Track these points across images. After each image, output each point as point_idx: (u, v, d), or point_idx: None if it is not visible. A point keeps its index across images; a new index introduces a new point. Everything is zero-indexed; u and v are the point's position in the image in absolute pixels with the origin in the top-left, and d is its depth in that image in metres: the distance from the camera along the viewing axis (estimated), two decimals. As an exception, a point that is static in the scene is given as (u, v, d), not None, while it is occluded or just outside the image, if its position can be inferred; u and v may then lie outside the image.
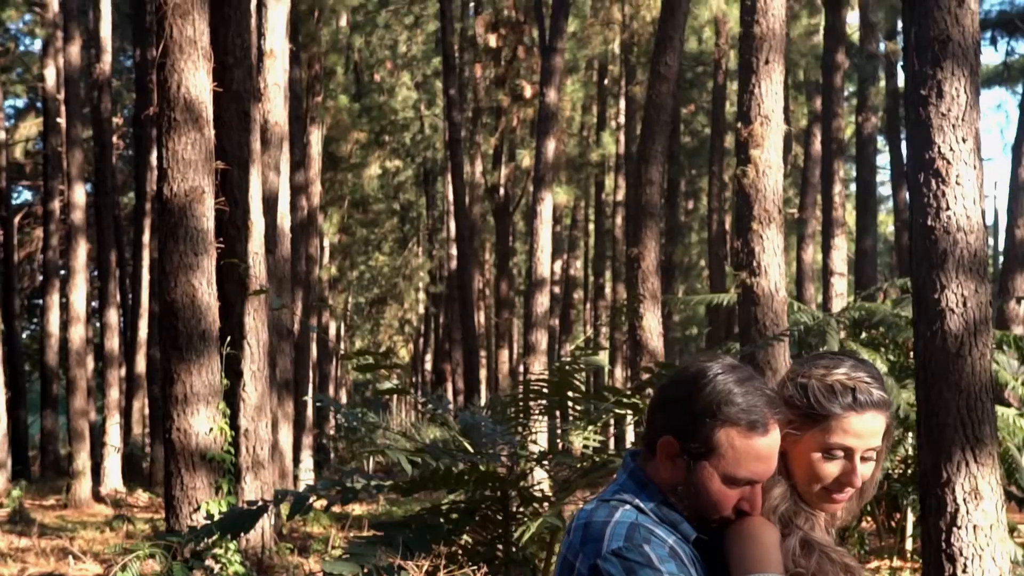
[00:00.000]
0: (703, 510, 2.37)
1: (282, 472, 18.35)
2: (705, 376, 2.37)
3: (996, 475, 7.13)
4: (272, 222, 16.91)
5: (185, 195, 10.05)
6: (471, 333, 28.68)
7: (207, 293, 10.19)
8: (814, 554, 2.34)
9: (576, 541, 2.35)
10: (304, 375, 25.99)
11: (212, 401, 10.15)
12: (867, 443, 2.40)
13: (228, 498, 10.17)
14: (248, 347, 13.22)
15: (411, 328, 52.47)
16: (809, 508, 2.43)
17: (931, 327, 7.18)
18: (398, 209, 47.40)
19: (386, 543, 7.42)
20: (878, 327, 14.14)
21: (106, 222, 28.97)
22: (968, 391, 7.09)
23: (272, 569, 12.34)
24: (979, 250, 7.18)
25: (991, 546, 7.00)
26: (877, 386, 2.42)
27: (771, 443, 2.35)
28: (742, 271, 10.86)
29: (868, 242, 23.94)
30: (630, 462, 2.49)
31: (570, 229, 44.90)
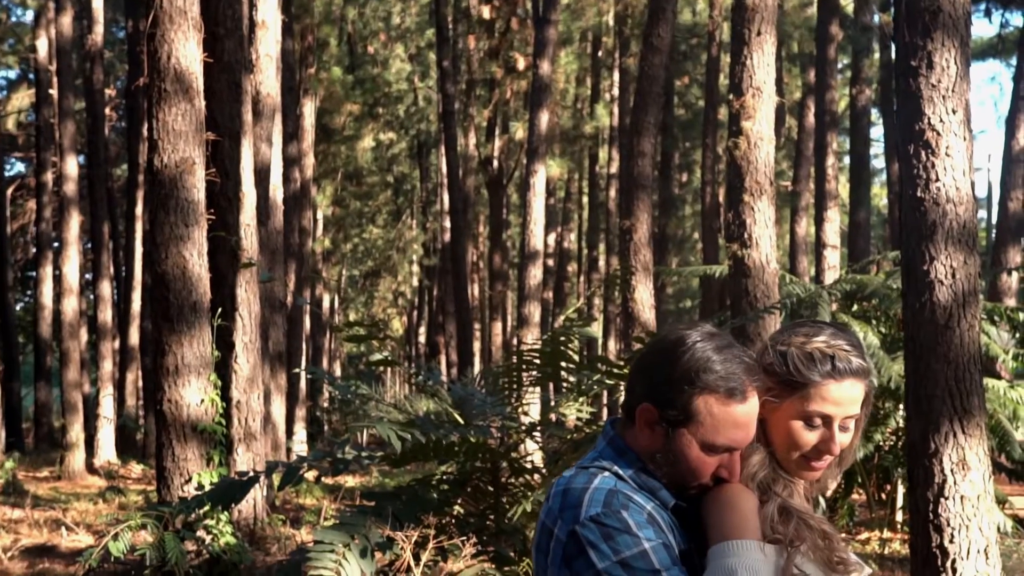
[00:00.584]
0: (682, 477, 2.38)
1: (275, 444, 18.37)
2: (684, 344, 2.37)
3: (984, 446, 7.15)
4: (264, 194, 16.86)
5: (175, 166, 10.03)
6: (464, 306, 28.68)
7: (198, 264, 10.18)
8: (792, 520, 2.34)
9: (555, 507, 2.35)
10: (297, 347, 26.01)
11: (203, 373, 10.15)
12: (846, 411, 2.41)
13: (219, 469, 10.19)
14: (240, 319, 13.21)
15: (405, 301, 52.49)
16: (788, 475, 2.43)
17: (920, 299, 7.19)
18: (392, 181, 47.30)
19: (376, 514, 7.43)
20: (870, 299, 14.16)
21: (99, 194, 28.92)
22: (956, 362, 7.11)
23: (264, 540, 12.37)
24: (968, 221, 7.18)
25: (978, 516, 7.03)
26: (856, 354, 2.42)
27: (750, 410, 2.36)
28: (733, 243, 10.86)
29: (861, 214, 23.96)
30: (609, 429, 2.50)
31: (564, 202, 44.86)
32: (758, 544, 2.26)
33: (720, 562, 2.24)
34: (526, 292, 23.77)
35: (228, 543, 9.92)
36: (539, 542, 2.38)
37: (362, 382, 12.07)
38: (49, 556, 12.05)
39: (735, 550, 2.24)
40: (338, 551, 6.77)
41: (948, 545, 7.02)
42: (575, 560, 2.27)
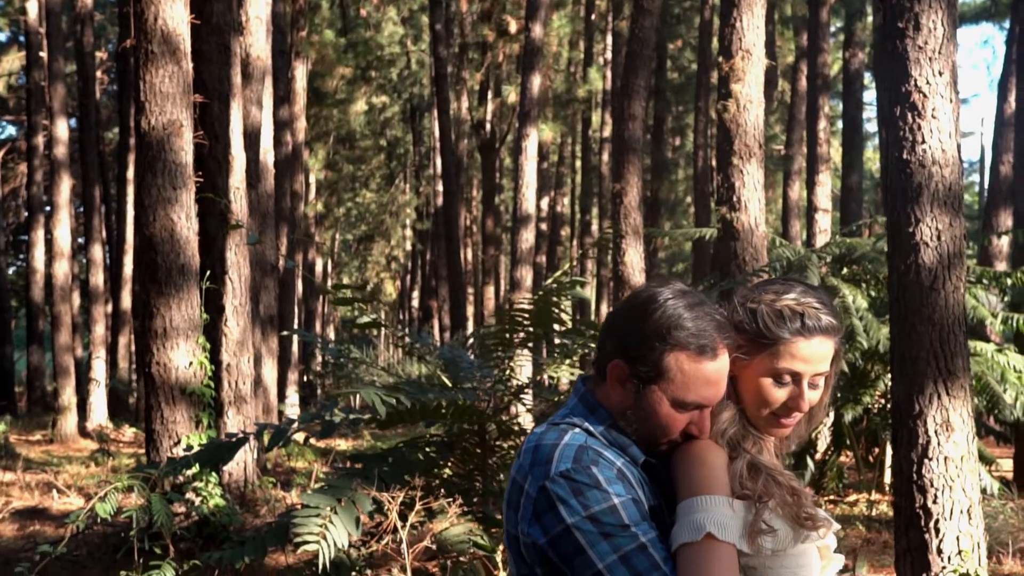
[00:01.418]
0: (652, 433, 2.39)
1: (266, 407, 18.40)
2: (655, 301, 2.38)
3: (968, 407, 7.18)
4: (255, 157, 16.81)
5: (163, 128, 10.00)
6: (457, 270, 28.68)
7: (186, 227, 10.18)
8: (761, 477, 2.35)
9: (525, 463, 2.36)
10: (289, 311, 26.00)
11: (192, 335, 10.16)
12: (815, 368, 2.42)
13: (208, 431, 10.22)
14: (230, 282, 13.21)
15: (398, 265, 52.50)
16: (757, 432, 2.45)
17: (905, 261, 7.20)
18: (385, 145, 47.21)
19: (363, 476, 7.47)
20: (859, 262, 14.17)
21: (90, 157, 28.84)
22: (941, 324, 7.13)
23: (254, 502, 12.41)
24: (954, 184, 7.18)
25: (962, 477, 7.07)
26: (826, 312, 2.43)
27: (720, 367, 2.37)
28: (722, 206, 10.86)
29: (854, 178, 23.93)
30: (581, 386, 2.51)
31: (557, 166, 44.78)
32: (727, 500, 2.28)
33: (689, 517, 2.25)
34: (518, 256, 23.75)
35: (217, 505, 9.96)
36: (510, 497, 2.40)
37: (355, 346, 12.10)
38: (40, 518, 12.08)
39: (704, 505, 2.26)
40: (324, 514, 6.80)
41: (931, 506, 7.06)
42: (545, 515, 2.28)
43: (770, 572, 2.34)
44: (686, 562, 2.21)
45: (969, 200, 55.26)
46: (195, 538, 9.79)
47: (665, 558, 2.23)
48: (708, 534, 2.21)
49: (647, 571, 2.21)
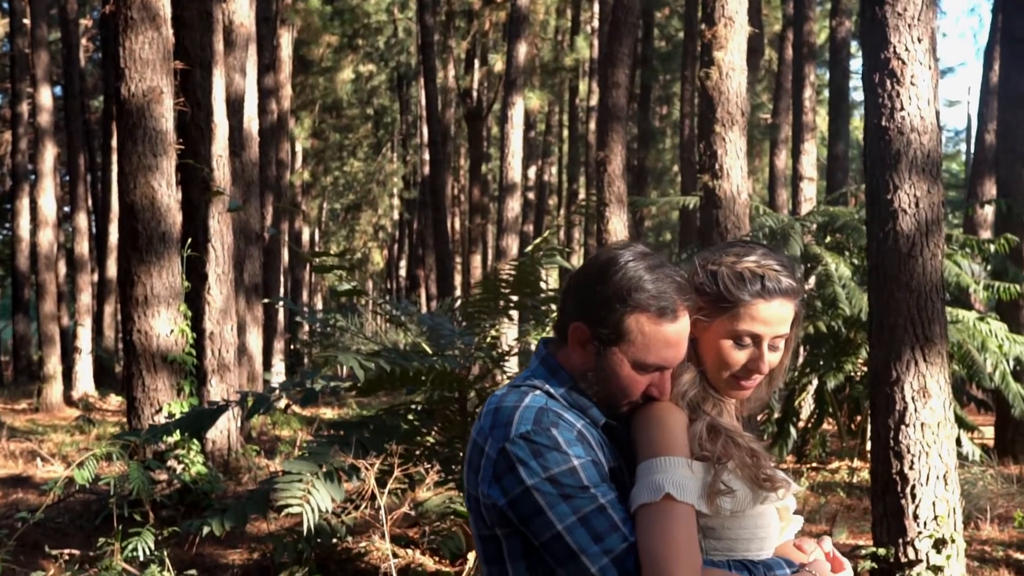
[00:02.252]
0: (613, 395, 2.39)
1: (251, 376, 18.39)
2: (616, 263, 2.38)
3: (944, 374, 7.21)
4: (238, 125, 16.75)
5: (143, 95, 9.96)
6: (444, 239, 28.64)
7: (167, 195, 10.15)
8: (720, 438, 2.36)
9: (486, 425, 2.37)
10: (275, 280, 25.98)
11: (173, 303, 10.15)
12: (775, 330, 2.42)
13: (190, 399, 10.22)
14: (212, 250, 13.18)
15: (385, 234, 52.38)
16: (717, 394, 2.45)
17: (883, 228, 7.21)
18: (372, 114, 47.04)
19: (342, 443, 7.48)
20: (842, 231, 14.19)
21: (75, 125, 28.73)
22: (919, 291, 7.15)
23: (238, 470, 12.43)
24: (932, 151, 7.18)
25: (938, 443, 7.10)
26: (786, 274, 2.43)
27: (680, 329, 2.37)
28: (704, 174, 10.84)
29: (840, 147, 23.86)
30: (542, 348, 2.51)
31: (544, 135, 44.69)
32: (686, 461, 2.28)
33: (648, 478, 2.26)
34: (504, 225, 23.74)
35: (199, 472, 9.98)
36: (470, 459, 2.40)
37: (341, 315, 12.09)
38: (23, 486, 12.09)
39: (663, 466, 2.26)
40: (307, 480, 6.83)
41: (908, 471, 7.09)
42: (504, 477, 2.28)
43: (729, 532, 2.36)
44: (644, 522, 2.22)
45: (956, 169, 55.31)
46: (177, 505, 9.80)
47: (624, 519, 2.24)
48: (667, 495, 2.22)
49: (606, 532, 2.22)
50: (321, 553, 8.18)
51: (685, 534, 2.21)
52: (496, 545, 2.36)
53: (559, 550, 2.24)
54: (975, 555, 8.79)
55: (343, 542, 8.36)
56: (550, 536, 2.24)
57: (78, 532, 9.49)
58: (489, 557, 2.38)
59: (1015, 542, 9.34)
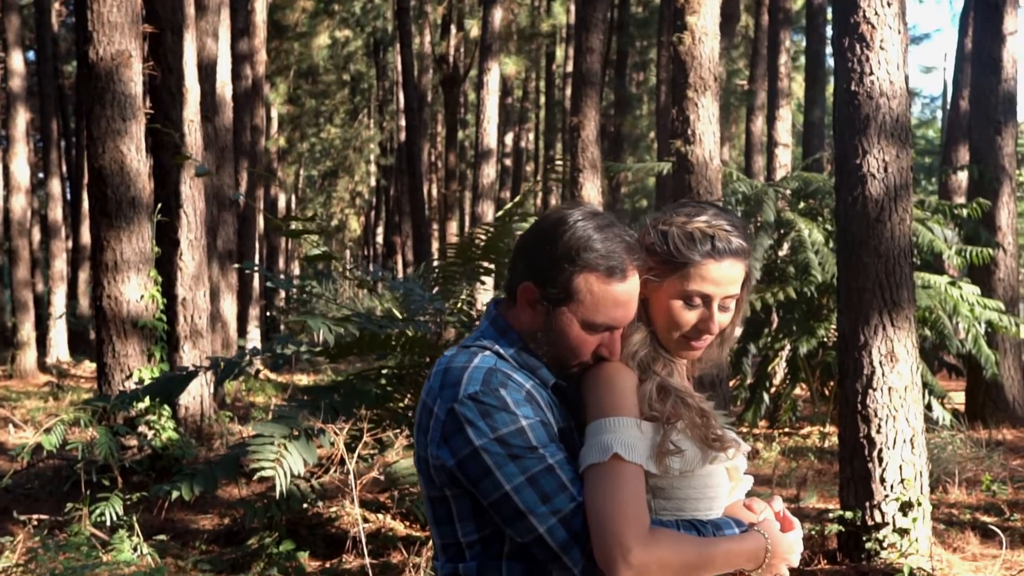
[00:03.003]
0: (562, 356, 2.38)
1: (226, 342, 18.35)
2: (565, 222, 2.36)
3: (912, 338, 7.24)
4: (211, 90, 16.65)
5: (111, 59, 9.88)
6: (420, 205, 28.52)
7: (136, 159, 10.09)
8: (670, 398, 2.35)
9: (435, 386, 2.36)
10: (250, 246, 25.86)
11: (143, 268, 10.11)
12: (725, 290, 2.41)
13: (161, 365, 10.20)
14: (184, 215, 13.12)
15: (362, 201, 52.29)
16: (668, 354, 2.45)
17: (852, 192, 7.22)
18: (348, 80, 46.80)
19: (312, 407, 7.48)
20: (815, 196, 14.21)
21: (48, 89, 28.51)
22: (887, 256, 7.16)
23: (210, 436, 12.41)
24: (901, 115, 7.19)
25: (905, 407, 7.14)
26: (737, 234, 2.42)
27: (629, 289, 2.36)
28: (677, 139, 10.83)
29: (816, 113, 23.86)
30: (492, 309, 2.50)
31: (521, 101, 44.57)
32: (635, 421, 2.28)
33: (597, 439, 2.25)
34: (480, 191, 23.70)
35: (170, 438, 9.96)
36: (420, 420, 2.39)
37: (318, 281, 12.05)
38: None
39: (612, 427, 2.26)
40: (278, 443, 6.82)
41: (875, 435, 7.13)
42: (453, 437, 2.28)
43: (678, 492, 2.35)
44: (593, 483, 2.22)
45: (932, 136, 55.43)
46: (148, 471, 9.80)
47: (573, 479, 2.24)
48: (615, 455, 2.22)
49: (554, 492, 2.22)
50: (291, 518, 8.18)
51: (633, 494, 2.21)
52: (445, 506, 2.36)
53: (507, 510, 2.24)
54: (943, 518, 8.85)
55: (313, 507, 8.37)
56: (498, 496, 2.24)
57: (48, 498, 9.47)
58: (439, 518, 2.38)
59: (982, 505, 9.40)
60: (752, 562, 2.35)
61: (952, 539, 8.04)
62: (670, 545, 2.22)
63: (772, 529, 2.41)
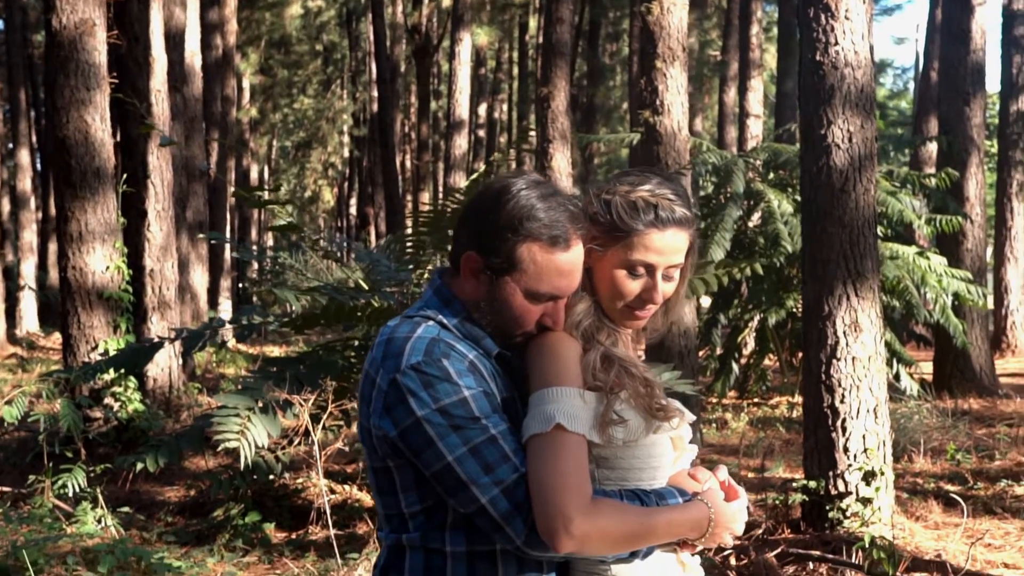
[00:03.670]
0: (506, 325, 2.37)
1: (196, 314, 18.28)
2: (508, 192, 2.35)
3: (876, 308, 7.26)
4: (179, 59, 16.53)
5: (75, 27, 9.79)
6: (392, 176, 28.45)
7: (100, 129, 10.00)
8: (614, 368, 2.34)
9: (377, 356, 2.34)
10: (221, 217, 25.75)
11: (108, 239, 10.04)
12: (669, 260, 2.40)
13: (127, 337, 10.15)
14: (152, 186, 13.03)
15: (335, 172, 52.08)
16: (612, 324, 2.44)
17: (817, 163, 7.22)
18: (321, 50, 46.53)
19: (277, 378, 7.45)
20: (785, 167, 14.22)
21: (16, 59, 28.27)
22: (852, 226, 7.18)
23: (179, 408, 12.37)
24: (866, 85, 7.19)
25: (869, 377, 7.16)
26: (680, 204, 2.41)
27: (573, 258, 2.34)
28: (645, 110, 10.81)
29: (789, 84, 23.82)
30: (437, 279, 2.48)
31: (495, 72, 44.42)
32: (578, 391, 2.27)
33: (539, 408, 2.25)
34: (452, 162, 23.66)
35: (137, 410, 9.93)
36: (363, 391, 2.38)
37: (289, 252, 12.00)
38: (-39, 425, 11.99)
39: (554, 396, 2.25)
40: (243, 415, 6.80)
41: (839, 405, 7.15)
42: (395, 408, 2.26)
43: (621, 462, 2.35)
44: (535, 452, 2.21)
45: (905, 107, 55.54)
46: (114, 443, 9.76)
47: (515, 449, 2.23)
48: (557, 425, 2.21)
49: (496, 462, 2.21)
50: (257, 490, 8.17)
51: (575, 464, 2.20)
52: (388, 476, 2.34)
53: (449, 481, 2.23)
54: (907, 487, 8.90)
55: (279, 478, 8.36)
56: (440, 467, 2.23)
57: (12, 470, 9.43)
58: (382, 488, 2.37)
59: (947, 474, 9.47)
60: (695, 531, 2.35)
61: (915, 508, 8.10)
62: (612, 515, 2.22)
63: (716, 498, 2.40)
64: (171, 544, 7.44)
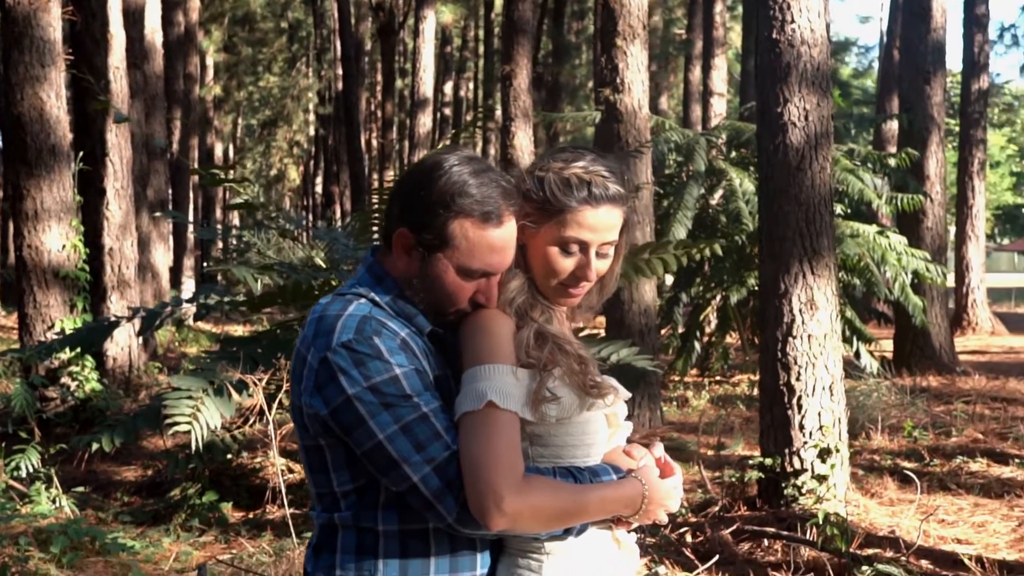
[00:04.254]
0: (439, 303, 2.35)
1: (158, 293, 18.19)
2: (441, 168, 2.32)
3: (832, 286, 7.28)
4: (139, 36, 16.40)
5: (28, 3, 9.70)
6: (357, 155, 28.31)
7: (56, 106, 9.91)
8: (547, 345, 2.33)
9: (308, 334, 2.32)
10: (184, 196, 25.63)
11: (64, 218, 9.96)
12: (602, 237, 2.39)
13: (84, 316, 10.07)
14: (111, 164, 12.92)
15: (301, 150, 51.89)
16: (547, 301, 2.42)
17: (773, 141, 7.23)
18: (286, 28, 46.26)
19: (232, 359, 7.42)
20: (747, 146, 14.25)
21: (-26, 36, 27.94)
22: (808, 204, 7.19)
23: (139, 388, 12.31)
24: (822, 64, 7.19)
25: (825, 354, 7.19)
26: (614, 180, 2.39)
27: (505, 235, 2.33)
28: (605, 88, 10.80)
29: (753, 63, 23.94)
30: (369, 256, 2.46)
31: (460, 50, 44.26)
32: (511, 368, 2.26)
33: (471, 386, 2.23)
34: (416, 140, 23.61)
35: (94, 389, 9.87)
36: (294, 369, 2.36)
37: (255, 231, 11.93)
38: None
39: (487, 374, 2.24)
40: (196, 396, 6.76)
41: (795, 383, 7.18)
42: (326, 387, 2.25)
43: (555, 439, 2.34)
44: (467, 430, 2.20)
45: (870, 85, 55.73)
46: (71, 423, 9.70)
47: (447, 427, 2.21)
48: (489, 402, 2.20)
49: (428, 440, 2.20)
50: (215, 469, 8.14)
51: (506, 441, 2.19)
52: (320, 455, 2.33)
53: (381, 459, 2.21)
54: (864, 464, 8.96)
55: (237, 458, 8.33)
56: (372, 445, 2.21)
57: (-32, 451, 9.36)
58: (314, 467, 2.35)
59: (903, 451, 9.53)
60: (629, 508, 2.35)
61: (871, 484, 8.14)
62: (544, 492, 2.21)
63: (650, 475, 2.40)
64: (127, 524, 7.41)
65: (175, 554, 6.67)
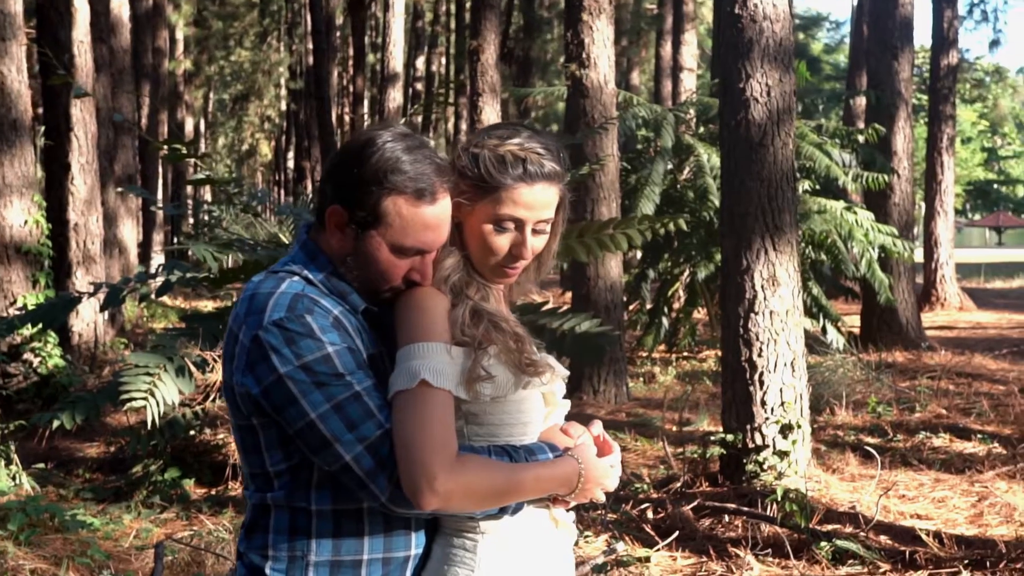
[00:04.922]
0: (373, 280, 2.33)
1: (126, 268, 18.06)
2: (374, 144, 2.30)
3: (794, 263, 7.29)
4: (105, 10, 16.26)
5: (-13, -24, 9.58)
6: (328, 130, 28.12)
7: (17, 80, 9.82)
8: (482, 323, 2.32)
9: (240, 312, 2.30)
10: (153, 171, 25.48)
11: (26, 193, 9.89)
12: (538, 215, 2.37)
13: (47, 292, 10.01)
14: (75, 139, 12.80)
15: (272, 125, 51.68)
16: (482, 279, 2.40)
17: (736, 116, 7.22)
18: (257, 1, 45.96)
19: (192, 335, 7.39)
20: (715, 121, 14.24)
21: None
22: (770, 180, 7.19)
23: (105, 364, 12.25)
24: (784, 39, 7.18)
25: (786, 331, 7.20)
26: (550, 158, 2.37)
27: (439, 212, 2.31)
28: (572, 63, 10.77)
29: (723, 38, 23.92)
30: (303, 234, 2.44)
31: (432, 25, 44.10)
32: (445, 346, 2.24)
33: (405, 364, 2.22)
34: (386, 115, 23.52)
35: (57, 365, 9.81)
36: (226, 348, 2.34)
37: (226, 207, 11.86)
38: None
39: (421, 352, 2.22)
40: (153, 372, 6.73)
41: (756, 359, 7.19)
42: (258, 365, 2.23)
43: (491, 418, 2.33)
44: (400, 409, 2.19)
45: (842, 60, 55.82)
46: (34, 399, 9.65)
47: (380, 406, 2.20)
48: (423, 381, 2.18)
49: (361, 419, 2.19)
50: (177, 446, 8.10)
51: (440, 420, 2.18)
52: (253, 435, 2.31)
53: (313, 439, 2.20)
54: (828, 440, 8.99)
55: (199, 435, 8.29)
56: (303, 424, 2.20)
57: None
58: (247, 447, 2.33)
59: (867, 427, 9.57)
60: (565, 487, 2.34)
61: (833, 460, 8.17)
62: (478, 471, 2.20)
63: (587, 454, 2.39)
64: (88, 501, 7.37)
65: (135, 531, 6.64)
